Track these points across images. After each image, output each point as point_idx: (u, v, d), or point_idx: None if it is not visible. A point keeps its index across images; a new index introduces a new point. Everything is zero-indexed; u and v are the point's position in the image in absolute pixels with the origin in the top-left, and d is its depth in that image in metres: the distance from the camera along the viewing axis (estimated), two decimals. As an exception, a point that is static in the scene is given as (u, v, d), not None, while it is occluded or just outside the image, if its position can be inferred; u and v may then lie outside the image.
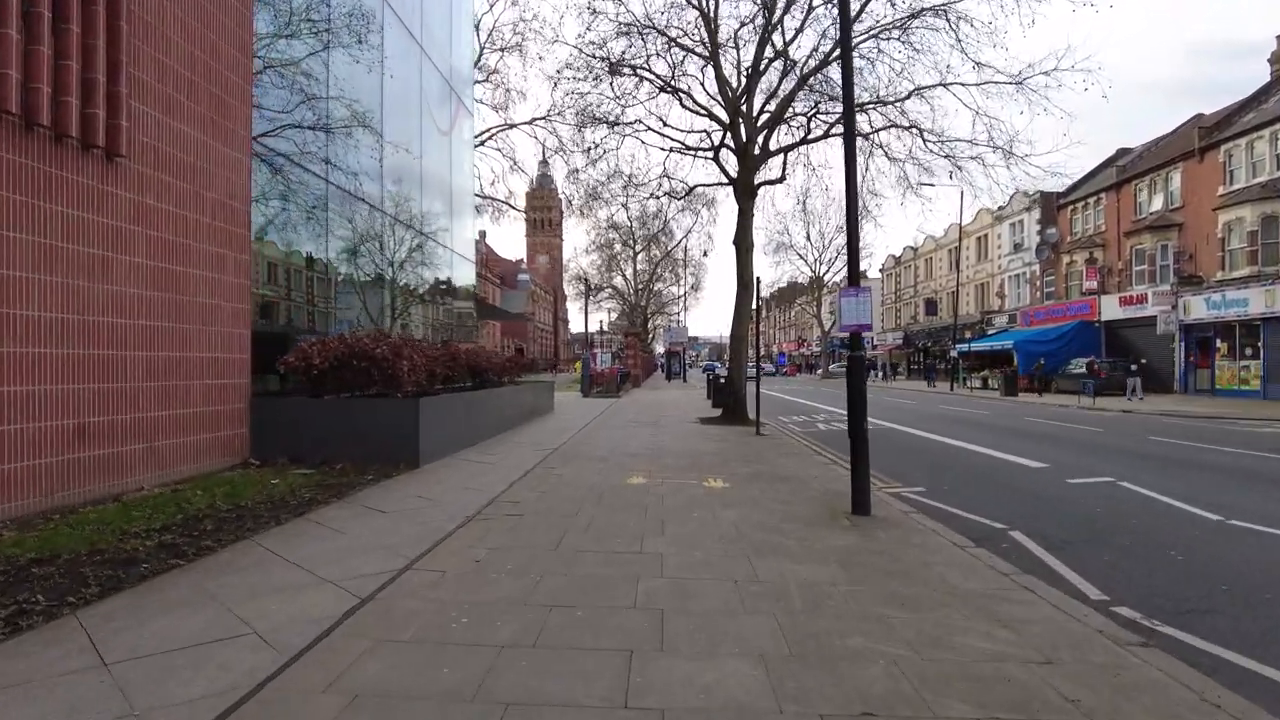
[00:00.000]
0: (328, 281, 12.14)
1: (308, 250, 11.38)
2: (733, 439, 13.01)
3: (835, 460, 10.67)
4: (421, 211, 15.65)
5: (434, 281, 16.82)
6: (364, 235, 13.11)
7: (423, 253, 15.90)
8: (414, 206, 15.21)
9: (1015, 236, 45.14)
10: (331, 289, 12.37)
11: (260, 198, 10.07)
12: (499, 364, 15.36)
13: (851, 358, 6.81)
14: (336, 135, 11.97)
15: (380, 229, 13.59)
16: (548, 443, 11.85)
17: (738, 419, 16.02)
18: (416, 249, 15.60)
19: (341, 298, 12.70)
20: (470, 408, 11.70)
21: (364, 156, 12.89)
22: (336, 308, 12.64)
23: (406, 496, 7.05)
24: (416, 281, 15.66)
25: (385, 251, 13.96)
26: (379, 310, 13.90)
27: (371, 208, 13.14)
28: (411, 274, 15.23)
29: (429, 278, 16.61)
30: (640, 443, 12.23)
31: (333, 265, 12.08)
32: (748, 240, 16.31)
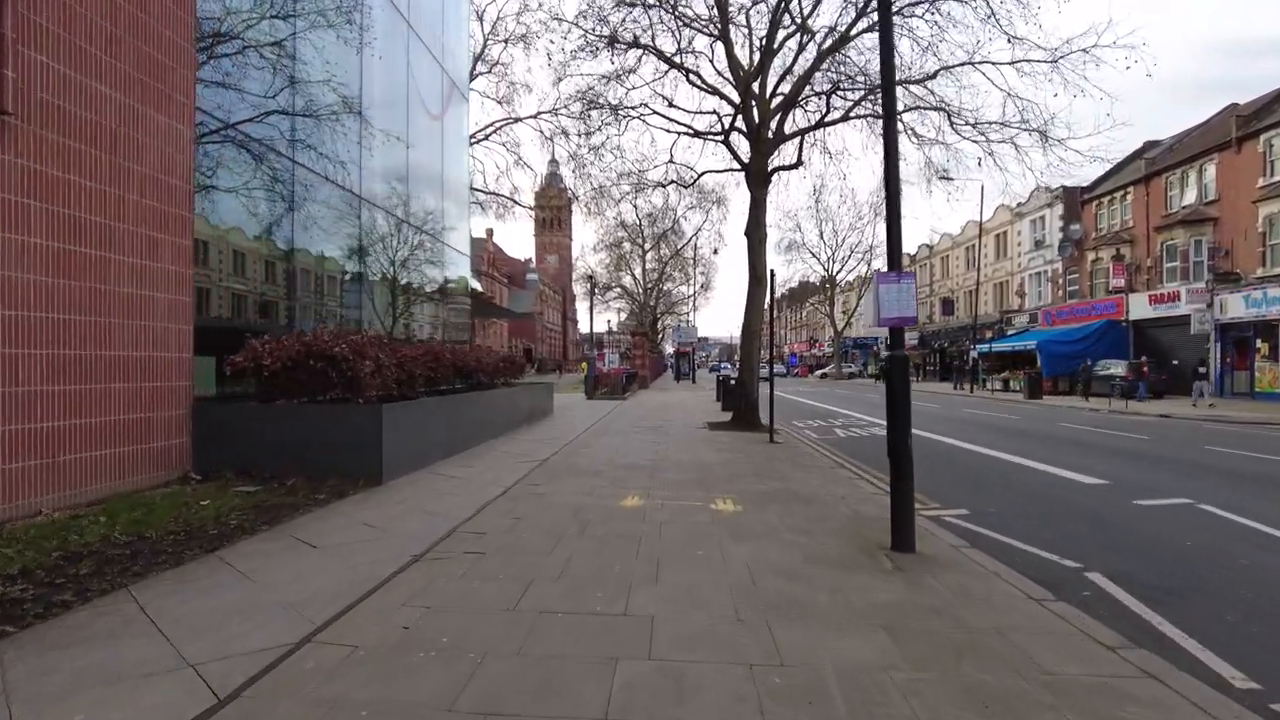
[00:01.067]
0: (304, 275, 11.00)
1: (277, 239, 10.23)
2: (744, 448, 11.78)
3: (861, 474, 9.42)
4: (408, 201, 14.51)
5: (423, 276, 15.68)
6: (342, 225, 11.96)
7: (410, 245, 14.76)
8: (400, 195, 14.06)
9: (1036, 233, 43.63)
10: (314, 284, 11.24)
11: (215, 177, 8.95)
12: (491, 364, 14.20)
13: (892, 358, 5.58)
14: (307, 113, 10.84)
15: (362, 218, 12.44)
16: (538, 452, 10.66)
17: (749, 424, 14.78)
18: (403, 241, 14.46)
19: (323, 293, 11.57)
20: (453, 413, 10.54)
21: (341, 139, 11.75)
22: (320, 304, 11.53)
23: (352, 524, 5.87)
24: (402, 275, 14.51)
25: (367, 243, 12.81)
26: (359, 306, 12.75)
27: (350, 194, 12.00)
28: (396, 268, 14.08)
29: (418, 272, 15.46)
30: (641, 452, 11.01)
31: (313, 258, 10.93)
32: (760, 230, 15.06)
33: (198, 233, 8.67)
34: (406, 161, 14.33)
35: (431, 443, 9.41)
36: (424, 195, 15.66)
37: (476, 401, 12.24)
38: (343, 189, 11.79)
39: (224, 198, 9.22)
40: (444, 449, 9.88)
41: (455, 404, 10.96)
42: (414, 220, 14.77)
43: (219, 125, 8.91)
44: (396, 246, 14.30)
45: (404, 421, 8.52)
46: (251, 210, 9.79)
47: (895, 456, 5.47)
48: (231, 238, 9.50)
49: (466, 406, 11.52)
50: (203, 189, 8.63)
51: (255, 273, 10.14)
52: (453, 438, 10.27)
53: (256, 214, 9.89)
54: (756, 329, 15.38)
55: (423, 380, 10.47)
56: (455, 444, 10.31)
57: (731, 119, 15.63)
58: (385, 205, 13.35)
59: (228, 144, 9.17)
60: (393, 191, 13.80)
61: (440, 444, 9.78)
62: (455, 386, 13.01)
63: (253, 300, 10.08)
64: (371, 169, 12.77)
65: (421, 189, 15.45)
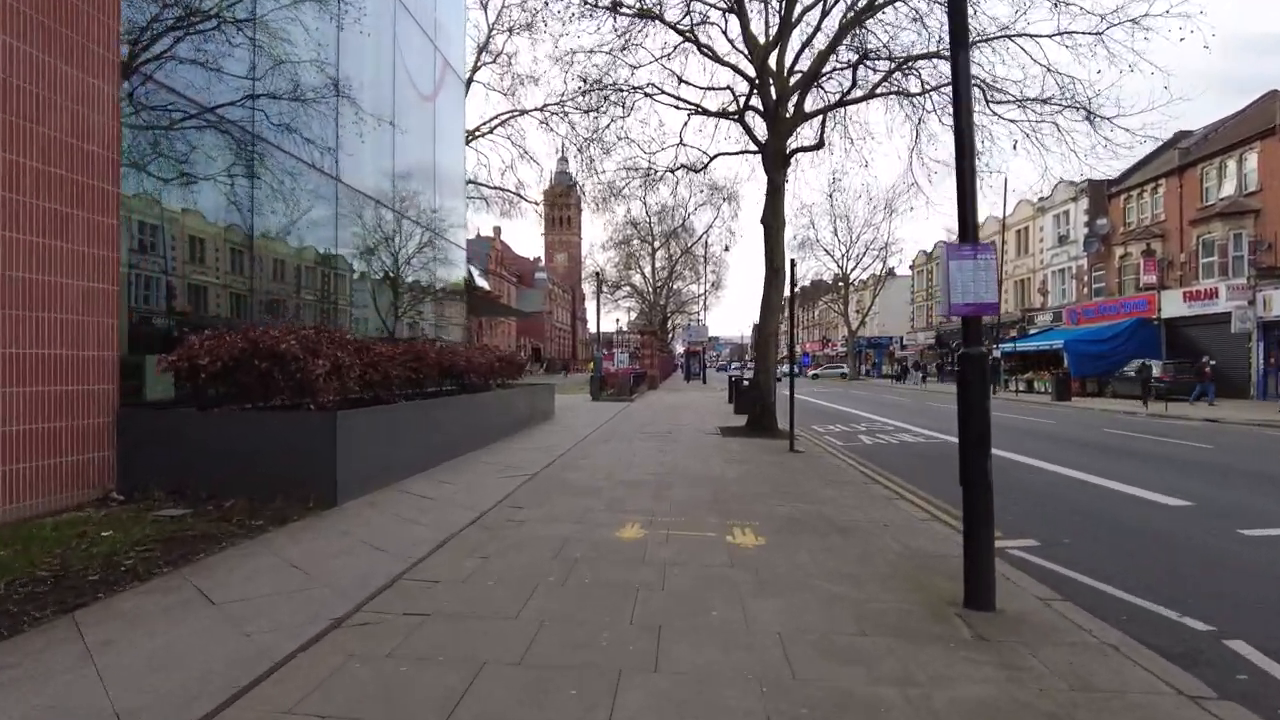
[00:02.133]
0: (276, 265, 9.83)
1: (239, 225, 9.05)
2: (762, 457, 10.50)
3: (900, 492, 8.13)
4: (395, 187, 13.33)
5: (413, 269, 14.49)
6: (318, 212, 10.78)
7: (399, 236, 13.58)
8: (386, 180, 12.88)
9: (1059, 229, 42.08)
10: (287, 275, 10.08)
11: (162, 152, 7.80)
12: (484, 364, 12.98)
13: (967, 357, 4.32)
14: (276, 88, 9.67)
15: (340, 204, 11.26)
16: (530, 464, 9.43)
17: (766, 430, 13.50)
18: (391, 231, 13.27)
19: (300, 286, 10.40)
20: (435, 420, 9.33)
21: (317, 116, 10.57)
22: (297, 298, 10.37)
23: (278, 565, 4.65)
24: (384, 267, 13.32)
25: (347, 232, 11.63)
26: (336, 301, 11.58)
27: (327, 177, 10.81)
28: (376, 258, 12.88)
29: (407, 265, 14.28)
30: (646, 463, 9.76)
31: (285, 246, 9.75)
32: (778, 218, 13.77)
33: (143, 215, 7.52)
34: (393, 144, 13.14)
35: (404, 455, 8.20)
36: (415, 182, 14.48)
37: (465, 406, 11.04)
38: (319, 171, 10.61)
39: (176, 175, 8.07)
40: (422, 460, 8.68)
41: (439, 409, 9.77)
42: (403, 209, 13.58)
43: (166, 94, 7.74)
44: (383, 238, 13.12)
45: (367, 431, 7.31)
46: (211, 192, 8.63)
47: (971, 487, 4.22)
48: (188, 221, 8.34)
49: (452, 411, 10.32)
50: (146, 166, 7.48)
51: (218, 261, 8.98)
52: (433, 448, 9.06)
53: (217, 196, 8.72)
54: (774, 326, 14.10)
55: (401, 382, 9.28)
56: (436, 455, 9.11)
57: (746, 96, 14.35)
58: (369, 191, 12.16)
59: (173, 113, 8.00)
60: (378, 176, 12.61)
61: (417, 455, 8.58)
62: (445, 389, 11.85)
63: (215, 292, 8.92)
64: (352, 150, 11.59)
65: (412, 175, 14.27)
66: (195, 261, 8.60)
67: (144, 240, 7.72)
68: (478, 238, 78.64)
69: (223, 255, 9.04)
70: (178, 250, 8.23)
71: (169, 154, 8.00)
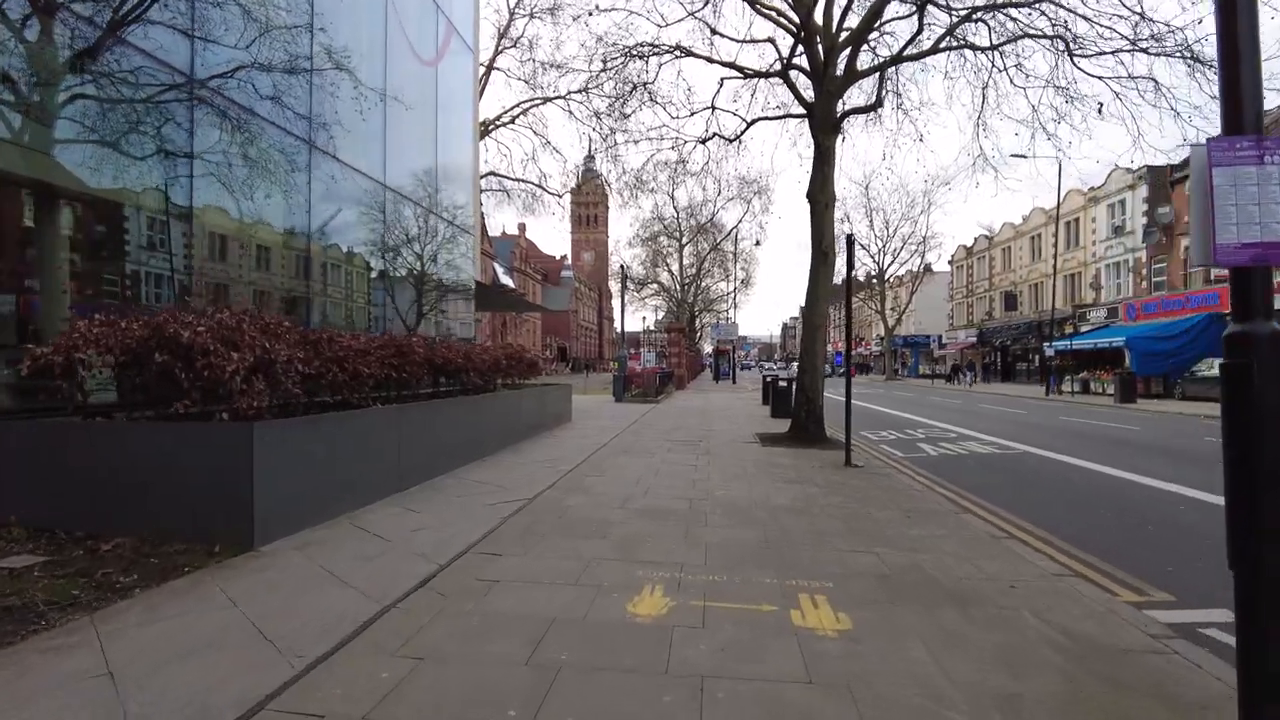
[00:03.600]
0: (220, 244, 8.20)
1: (175, 195, 7.40)
2: (816, 475, 8.58)
3: (1007, 528, 6.18)
4: (386, 161, 11.64)
5: (407, 255, 12.81)
6: (283, 180, 9.13)
7: (389, 216, 11.89)
8: (374, 151, 11.19)
9: (1114, 219, 39.28)
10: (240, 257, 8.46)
11: (78, 105, 6.20)
12: (487, 362, 11.25)
13: (1246, 338, 2.42)
14: (227, 24, 8.03)
15: (314, 175, 9.59)
16: (527, 483, 7.63)
17: (813, 438, 11.57)
18: (381, 211, 11.60)
19: (265, 269, 8.76)
20: (413, 429, 7.59)
21: (281, 67, 8.93)
22: (260, 285, 8.76)
23: (82, 676, 2.91)
24: (376, 253, 11.64)
25: (321, 210, 9.95)
26: (307, 289, 9.90)
27: (295, 139, 9.15)
28: (355, 237, 11.18)
29: (399, 250, 12.60)
30: (673, 483, 7.90)
31: (232, 222, 8.10)
32: (828, 191, 11.80)
33: (47, 177, 5.89)
34: (384, 109, 11.45)
35: (368, 474, 6.46)
36: (411, 156, 12.81)
37: (460, 410, 9.31)
38: (283, 130, 8.94)
39: (92, 132, 6.44)
40: (394, 480, 6.94)
41: (423, 415, 8.04)
42: (390, 185, 11.89)
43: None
44: (370, 218, 11.44)
45: (308, 446, 5.57)
46: (140, 153, 6.99)
47: (1247, 566, 2.31)
48: (98, 185, 6.71)
49: (442, 417, 8.59)
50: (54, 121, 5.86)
51: (158, 238, 7.34)
52: (412, 463, 7.31)
53: (147, 159, 7.08)
54: (822, 316, 12.13)
55: (379, 382, 7.55)
56: (415, 471, 7.36)
57: (790, 52, 12.39)
58: (350, 162, 10.47)
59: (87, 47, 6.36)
60: (363, 146, 10.92)
61: (387, 474, 6.84)
62: (441, 389, 10.16)
63: (144, 275, 7.28)
64: (331, 112, 9.93)
65: (408, 149, 12.60)
66: (112, 237, 6.98)
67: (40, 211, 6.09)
68: (503, 235, 77.46)
69: (156, 231, 7.40)
70: (87, 223, 6.61)
71: (81, 104, 6.36)
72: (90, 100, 6.56)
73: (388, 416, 7.09)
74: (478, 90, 18.36)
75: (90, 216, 6.87)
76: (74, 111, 6.45)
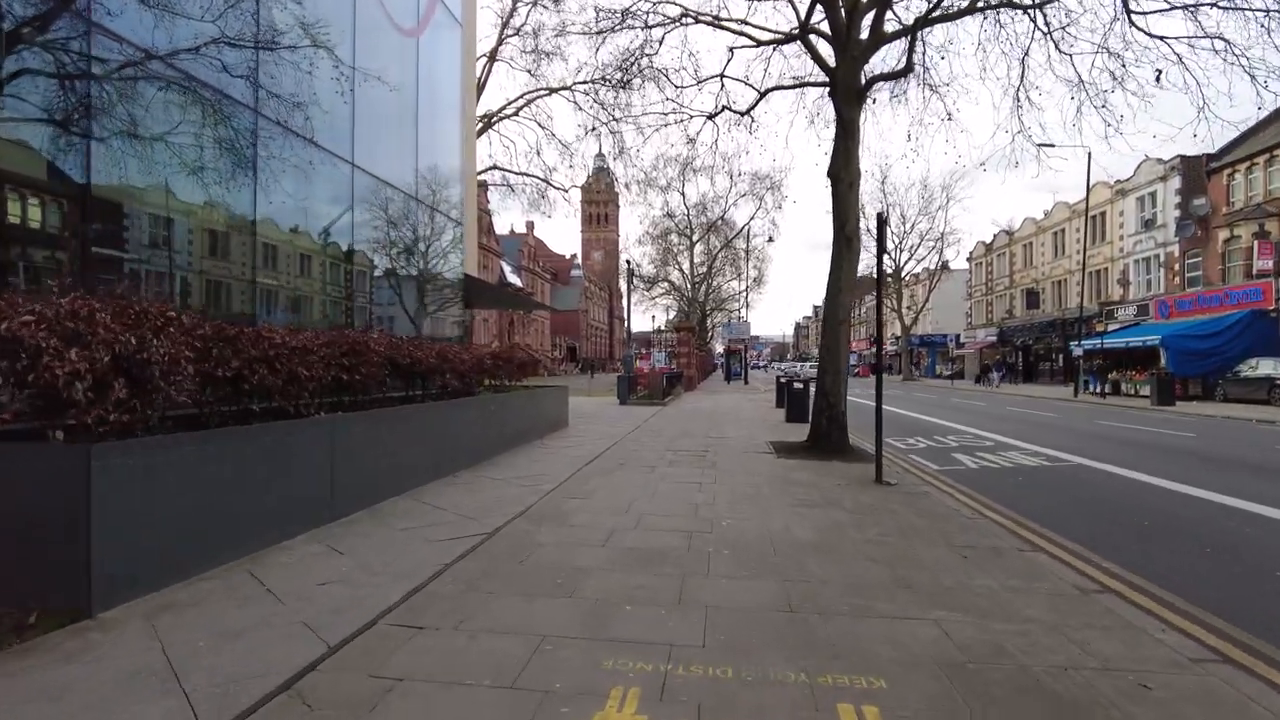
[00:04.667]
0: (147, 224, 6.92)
1: (69, 166, 6.13)
2: (844, 497, 7.21)
3: (1096, 575, 4.79)
4: (354, 137, 10.36)
5: (380, 244, 11.52)
6: (224, 156, 7.85)
7: (352, 197, 10.60)
8: (336, 122, 9.89)
9: (1144, 212, 37.52)
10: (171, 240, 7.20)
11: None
12: (467, 363, 9.98)
13: None
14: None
15: (259, 146, 8.31)
16: (494, 508, 6.31)
17: (836, 449, 10.18)
18: (345, 192, 10.32)
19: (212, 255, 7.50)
20: (361, 443, 6.30)
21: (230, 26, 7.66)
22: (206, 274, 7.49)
23: None
24: (337, 237, 10.34)
25: (271, 190, 8.66)
26: (252, 280, 8.62)
27: (235, 104, 7.87)
28: (320, 223, 9.88)
29: (369, 239, 11.32)
30: (670, 509, 6.55)
31: (141, 196, 6.84)
32: (852, 168, 10.39)
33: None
34: (352, 81, 10.15)
35: (280, 505, 5.16)
36: (387, 136, 11.54)
37: (428, 418, 8.03)
38: (223, 95, 7.67)
39: None
40: (325, 508, 5.65)
41: (377, 425, 6.77)
42: (367, 167, 10.59)
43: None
44: (339, 204, 10.16)
45: (185, 473, 4.27)
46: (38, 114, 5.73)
47: None
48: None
49: (404, 427, 7.31)
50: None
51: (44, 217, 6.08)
52: (345, 487, 6.02)
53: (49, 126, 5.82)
54: (845, 310, 10.73)
55: (318, 386, 6.27)
56: (350, 497, 6.06)
57: (807, 13, 10.99)
58: (304, 133, 9.18)
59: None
60: (328, 121, 9.63)
61: (316, 501, 5.55)
62: (414, 394, 8.92)
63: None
64: (289, 81, 8.65)
65: (383, 128, 11.32)
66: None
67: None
68: (511, 234, 76.32)
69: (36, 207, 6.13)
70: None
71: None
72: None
73: (318, 429, 5.79)
74: (471, 71, 17.12)
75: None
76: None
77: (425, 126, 12.83)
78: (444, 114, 14.03)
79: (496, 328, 65.28)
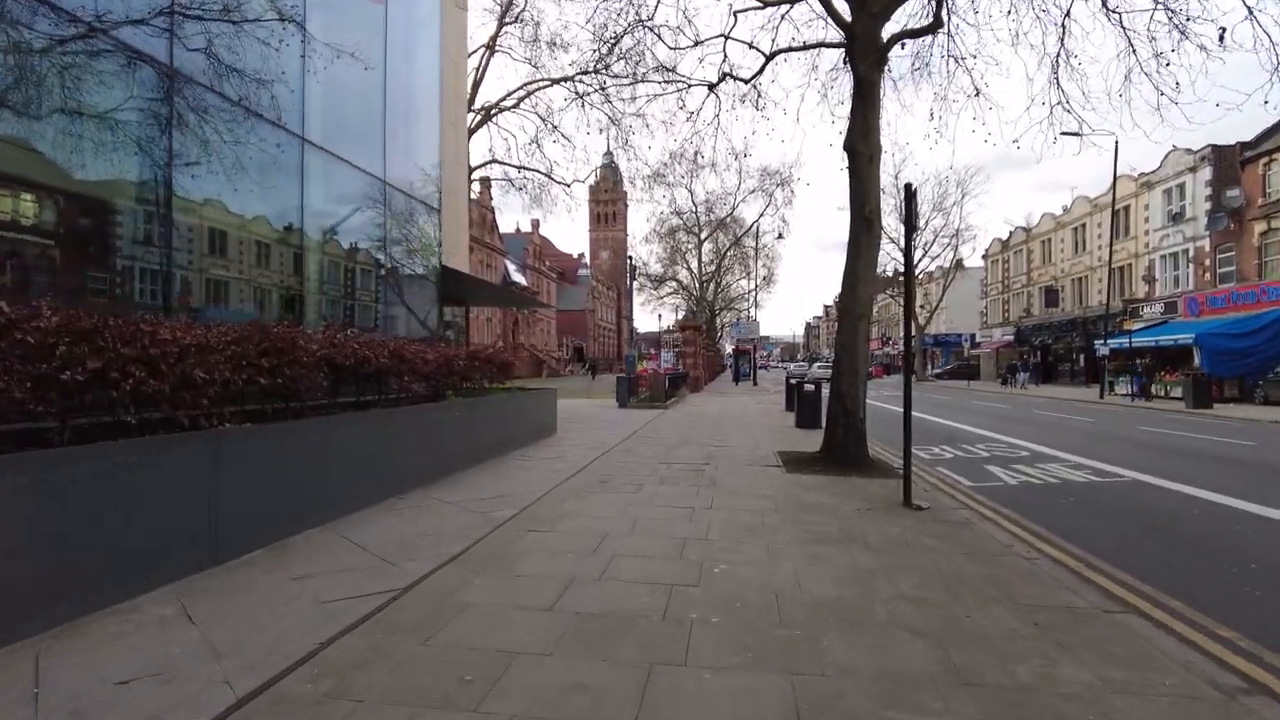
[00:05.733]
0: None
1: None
2: (867, 527, 5.88)
3: (1239, 663, 3.44)
4: (306, 106, 9.11)
5: (335, 229, 10.26)
6: (141, 124, 6.61)
7: (295, 171, 9.34)
8: (276, 87, 8.62)
9: (1170, 205, 35.87)
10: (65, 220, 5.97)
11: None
12: (428, 364, 8.68)
13: None
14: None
15: (177, 111, 7.07)
16: (424, 550, 5.02)
17: (854, 462, 8.84)
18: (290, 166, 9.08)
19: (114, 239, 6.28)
20: (240, 470, 5.03)
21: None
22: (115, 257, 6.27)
23: None
24: (279, 218, 9.08)
25: (196, 159, 7.41)
26: (152, 263, 7.37)
27: (144, 60, 6.63)
28: (257, 203, 8.60)
29: (331, 225, 10.09)
30: (651, 549, 5.23)
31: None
32: (871, 139, 9.05)
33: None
34: (301, 39, 8.90)
35: (129, 550, 3.90)
36: (345, 106, 10.31)
37: (366, 430, 6.77)
38: (130, 51, 6.43)
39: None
40: (197, 551, 4.38)
41: (301, 438, 5.54)
42: (312, 138, 9.35)
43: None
44: (287, 180, 8.91)
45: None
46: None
47: None
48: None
49: (343, 439, 6.07)
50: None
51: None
52: (232, 522, 4.75)
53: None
54: (864, 304, 9.37)
55: (222, 390, 5.02)
56: (240, 535, 4.79)
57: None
58: (227, 92, 7.92)
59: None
60: (264, 82, 8.37)
61: (173, 545, 4.28)
62: (367, 399, 7.69)
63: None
64: (217, 33, 7.41)
65: (339, 96, 10.08)
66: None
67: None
68: (516, 233, 75.14)
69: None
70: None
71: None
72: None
73: (197, 447, 4.53)
74: (457, 46, 15.87)
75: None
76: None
77: (397, 103, 11.57)
78: (420, 87, 12.78)
79: (500, 327, 64.09)
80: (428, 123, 13.14)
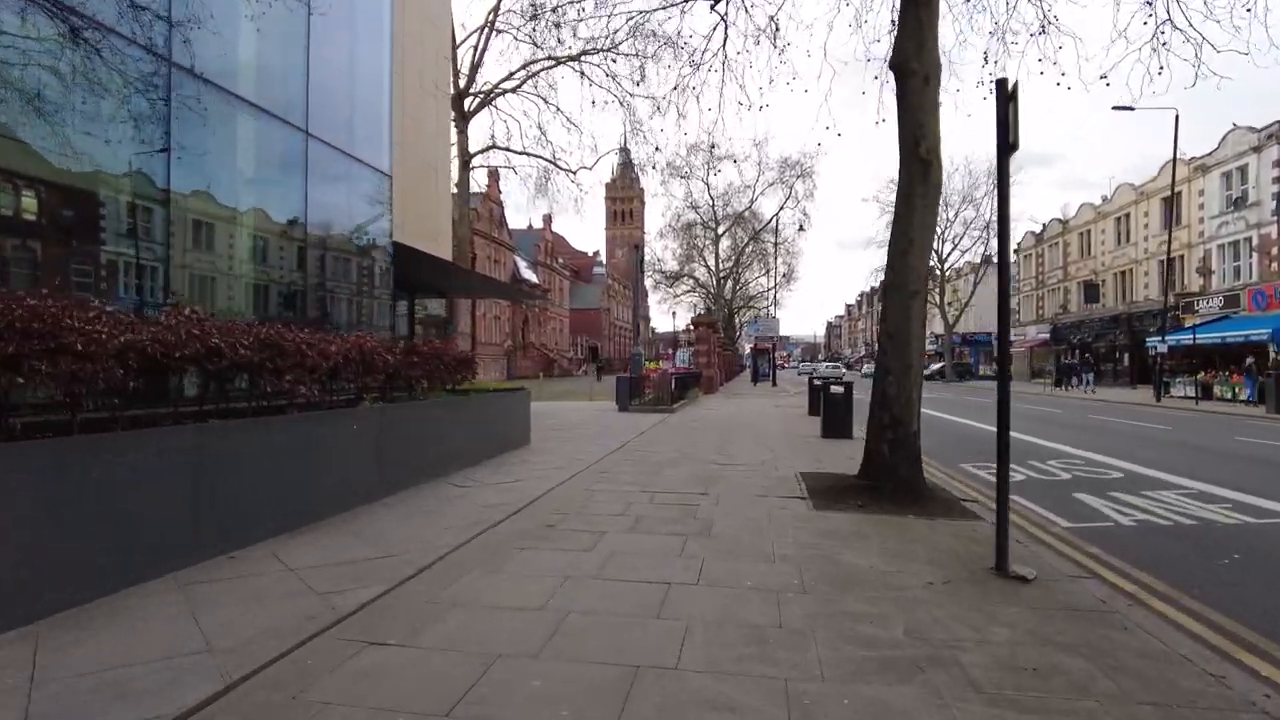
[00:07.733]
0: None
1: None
2: (947, 622, 3.50)
3: None
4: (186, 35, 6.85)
5: (240, 191, 8.01)
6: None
7: (198, 116, 7.08)
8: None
9: (1230, 189, 32.82)
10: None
11: None
12: (329, 359, 6.38)
13: None
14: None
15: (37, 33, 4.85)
16: (137, 697, 2.71)
17: (905, 489, 6.40)
18: (200, 114, 6.82)
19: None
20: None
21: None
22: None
23: None
24: (187, 181, 6.80)
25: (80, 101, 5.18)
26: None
27: None
28: (127, 155, 6.35)
29: (230, 180, 7.85)
30: (567, 696, 2.90)
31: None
32: (927, 56, 6.57)
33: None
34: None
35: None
36: (246, 36, 8.07)
37: (161, 457, 4.51)
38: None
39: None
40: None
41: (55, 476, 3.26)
42: (211, 76, 7.09)
43: None
44: (166, 121, 6.65)
45: None
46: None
47: None
48: None
49: (158, 472, 3.79)
50: None
51: None
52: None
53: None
54: (918, 280, 6.90)
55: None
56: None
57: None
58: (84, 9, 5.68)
59: None
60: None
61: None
62: (231, 406, 5.46)
63: None
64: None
65: (241, 20, 7.84)
66: None
67: None
68: (528, 229, 72.98)
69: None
70: None
71: None
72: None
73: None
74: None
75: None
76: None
77: (330, 44, 9.31)
78: (367, 36, 10.51)
79: (510, 325, 61.98)
80: (376, 73, 10.85)
